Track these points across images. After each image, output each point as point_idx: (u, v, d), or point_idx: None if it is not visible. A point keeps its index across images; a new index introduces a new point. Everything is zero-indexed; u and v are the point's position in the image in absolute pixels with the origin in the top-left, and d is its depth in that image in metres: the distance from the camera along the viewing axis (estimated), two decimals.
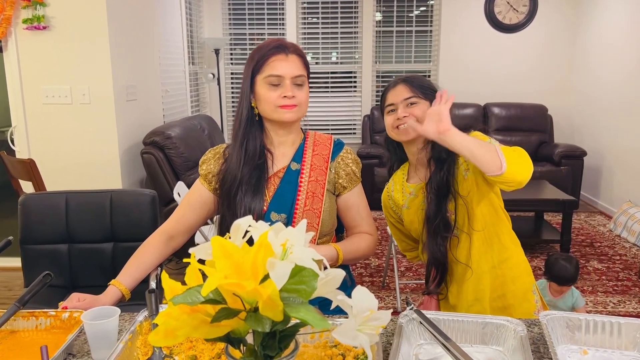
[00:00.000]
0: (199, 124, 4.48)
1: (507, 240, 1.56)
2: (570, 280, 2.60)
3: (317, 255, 0.76)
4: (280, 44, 1.43)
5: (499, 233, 1.54)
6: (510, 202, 3.90)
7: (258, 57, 1.43)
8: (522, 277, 1.56)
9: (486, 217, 1.51)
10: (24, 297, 1.13)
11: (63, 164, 3.52)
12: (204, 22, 5.86)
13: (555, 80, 5.89)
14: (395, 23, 5.92)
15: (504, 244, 1.54)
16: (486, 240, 1.52)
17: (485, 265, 1.52)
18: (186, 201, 1.54)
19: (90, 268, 1.96)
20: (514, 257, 1.56)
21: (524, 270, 1.58)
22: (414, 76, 1.57)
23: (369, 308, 0.75)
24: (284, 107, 1.42)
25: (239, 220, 0.81)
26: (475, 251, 1.52)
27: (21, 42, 3.41)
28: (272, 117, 1.45)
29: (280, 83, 1.41)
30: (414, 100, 1.50)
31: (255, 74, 1.44)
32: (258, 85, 1.43)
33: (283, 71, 1.41)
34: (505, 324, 1.18)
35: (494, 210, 1.52)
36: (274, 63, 1.41)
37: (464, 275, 1.53)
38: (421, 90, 1.51)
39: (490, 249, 1.53)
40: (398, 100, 1.51)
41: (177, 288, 0.77)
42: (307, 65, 1.48)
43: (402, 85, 1.53)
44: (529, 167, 1.37)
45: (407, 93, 1.51)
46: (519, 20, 5.76)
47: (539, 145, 5.52)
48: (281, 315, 0.70)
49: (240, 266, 0.72)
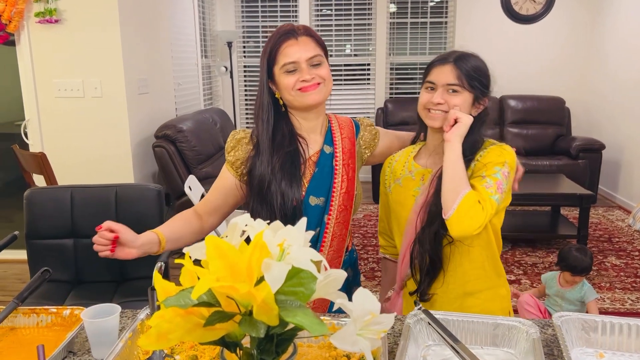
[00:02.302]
0: (211, 118, 4.47)
1: (491, 271, 1.43)
2: (585, 270, 2.59)
3: (316, 256, 0.72)
4: (289, 29, 1.39)
5: (483, 260, 1.41)
6: (526, 196, 3.91)
7: (270, 48, 1.39)
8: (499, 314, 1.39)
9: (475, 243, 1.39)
10: (23, 294, 1.12)
11: (75, 158, 3.53)
12: (217, 15, 5.84)
13: (573, 72, 5.77)
14: (409, 14, 5.84)
15: (486, 272, 1.42)
16: (469, 260, 1.40)
17: (460, 290, 1.41)
18: (214, 184, 1.50)
19: (95, 263, 1.95)
20: (493, 290, 1.43)
21: (499, 308, 1.43)
22: (469, 59, 1.37)
23: (370, 311, 0.71)
24: (305, 89, 1.37)
25: (236, 219, 0.78)
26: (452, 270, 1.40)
27: (33, 36, 3.41)
28: (296, 102, 1.41)
29: (297, 68, 1.37)
30: (456, 89, 1.35)
31: (271, 66, 1.40)
32: (277, 76, 1.40)
33: (296, 56, 1.36)
34: (517, 325, 1.13)
35: (485, 232, 1.38)
36: (286, 50, 1.37)
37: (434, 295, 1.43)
38: (469, 79, 1.35)
39: (470, 272, 1.40)
40: (440, 82, 1.36)
41: (171, 289, 0.74)
42: (322, 44, 1.43)
43: (451, 67, 1.36)
44: (471, 228, 1.23)
45: (452, 78, 1.35)
46: (537, 11, 5.64)
47: (556, 138, 5.41)
48: (276, 319, 0.66)
49: (235, 267, 0.69)
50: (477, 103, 1.40)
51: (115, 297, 1.97)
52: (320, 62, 1.39)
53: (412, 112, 1.53)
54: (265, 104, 1.42)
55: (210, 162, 3.97)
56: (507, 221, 4.86)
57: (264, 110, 1.42)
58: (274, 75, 1.40)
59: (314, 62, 1.38)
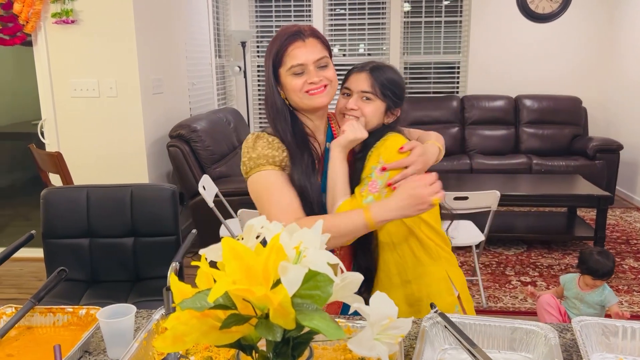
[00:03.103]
0: (225, 117, 4.48)
1: (423, 256, 1.43)
2: (607, 274, 2.54)
3: (333, 259, 0.71)
4: (295, 30, 1.37)
5: (412, 247, 1.43)
6: (542, 197, 3.87)
7: (276, 49, 1.37)
8: (442, 296, 1.43)
9: (390, 229, 1.41)
10: (40, 293, 1.12)
11: (90, 157, 3.56)
12: (231, 15, 5.85)
13: (590, 72, 5.69)
14: (424, 13, 5.80)
15: (419, 259, 1.43)
16: (397, 252, 1.43)
17: (397, 279, 1.44)
18: (280, 187, 1.37)
19: (110, 263, 1.97)
20: (432, 275, 1.44)
21: (444, 289, 1.44)
22: (385, 70, 1.44)
23: (387, 316, 0.70)
24: (313, 93, 1.37)
25: (251, 221, 0.77)
26: (383, 261, 1.44)
27: (50, 36, 3.45)
28: (302, 105, 1.40)
29: (304, 70, 1.36)
30: (369, 96, 1.41)
31: (277, 67, 1.39)
32: (283, 77, 1.39)
33: (304, 58, 1.35)
34: (535, 329, 1.11)
35: (401, 223, 1.41)
36: (293, 52, 1.36)
37: (376, 285, 1.47)
38: (382, 88, 1.41)
39: (403, 261, 1.43)
40: (355, 89, 1.43)
41: (187, 291, 0.73)
42: (328, 46, 1.43)
43: (366, 75, 1.42)
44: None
45: (366, 86, 1.41)
46: (553, 10, 5.58)
47: (573, 138, 5.35)
48: (293, 323, 0.65)
49: (251, 270, 0.68)
50: (389, 112, 1.46)
51: (130, 296, 1.98)
52: (326, 64, 1.39)
53: (426, 111, 1.55)
54: (279, 106, 1.41)
55: (224, 162, 3.98)
56: (522, 222, 4.81)
57: (280, 112, 1.41)
58: (280, 76, 1.39)
59: (321, 64, 1.38)
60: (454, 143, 5.40)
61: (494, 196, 2.95)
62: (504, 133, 5.46)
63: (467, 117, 5.50)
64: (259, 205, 1.39)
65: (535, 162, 4.99)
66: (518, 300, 3.21)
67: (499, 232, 3.94)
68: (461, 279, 1.51)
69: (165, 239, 1.99)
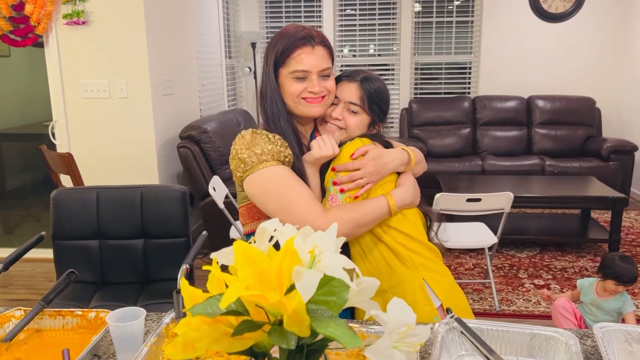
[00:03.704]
0: (235, 118, 4.47)
1: (397, 264, 1.37)
2: (632, 280, 2.48)
3: (349, 263, 0.69)
4: (307, 34, 1.34)
5: (384, 256, 1.38)
6: (555, 199, 3.83)
7: (282, 48, 1.33)
8: (418, 306, 1.35)
9: (357, 238, 1.38)
10: (49, 296, 1.11)
11: (101, 158, 3.56)
12: (241, 16, 5.85)
13: (604, 72, 5.61)
14: (435, 13, 5.76)
15: (392, 268, 1.37)
16: (369, 261, 1.38)
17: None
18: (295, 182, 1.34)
19: (120, 265, 1.96)
20: (407, 283, 1.37)
21: (420, 298, 1.37)
22: (374, 83, 1.42)
23: (406, 323, 0.68)
24: (310, 101, 1.35)
25: (264, 223, 0.75)
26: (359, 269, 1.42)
27: (61, 38, 3.45)
28: (295, 111, 1.38)
29: (306, 77, 1.34)
30: (356, 109, 1.40)
31: (278, 65, 1.35)
32: (282, 78, 1.36)
33: (310, 65, 1.33)
34: (555, 335, 1.08)
35: (368, 232, 1.37)
36: (300, 57, 1.32)
37: None
38: (370, 102, 1.40)
39: (377, 271, 1.38)
40: (343, 98, 1.40)
41: (198, 296, 0.71)
42: (333, 56, 1.40)
43: (357, 86, 1.40)
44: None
45: (355, 97, 1.39)
46: (566, 9, 5.51)
47: (586, 139, 5.28)
48: (308, 330, 0.63)
49: (264, 274, 0.66)
50: (372, 127, 1.45)
51: (140, 298, 1.97)
52: (329, 75, 1.38)
53: (437, 112, 1.54)
54: (280, 106, 1.38)
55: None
56: (535, 224, 4.74)
57: (281, 111, 1.38)
58: (279, 76, 1.36)
59: (324, 74, 1.36)
60: (465, 144, 5.34)
61: (507, 198, 2.90)
62: (516, 134, 5.40)
63: (479, 117, 5.44)
64: (271, 202, 1.32)
65: (548, 163, 4.93)
66: (531, 303, 3.16)
67: (511, 234, 3.89)
68: (446, 287, 1.41)
69: (176, 240, 1.98)
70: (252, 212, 1.42)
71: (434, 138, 5.30)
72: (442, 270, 1.44)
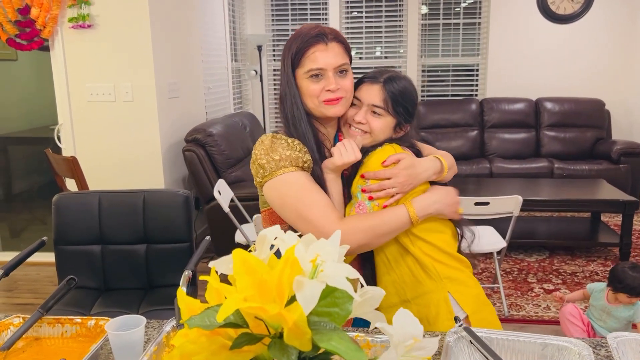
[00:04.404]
0: (241, 122, 4.45)
1: (422, 275, 1.34)
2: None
3: (352, 273, 0.66)
4: (319, 31, 1.32)
5: (410, 267, 1.34)
6: (564, 202, 3.78)
7: (296, 48, 1.32)
8: (440, 320, 1.31)
9: (384, 248, 1.34)
10: (48, 303, 1.09)
11: (106, 162, 3.55)
12: (247, 19, 5.84)
13: (613, 73, 5.55)
14: (441, 16, 5.72)
15: (417, 279, 1.34)
16: (395, 272, 1.35)
17: (395, 298, 1.35)
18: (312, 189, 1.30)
19: (123, 270, 1.93)
20: (430, 295, 1.33)
21: (443, 311, 1.32)
22: (399, 82, 1.36)
23: (412, 336, 0.64)
24: (328, 102, 1.32)
25: (264, 231, 0.72)
26: (380, 281, 1.37)
27: (67, 41, 3.45)
28: (316, 112, 1.36)
29: (322, 75, 1.31)
30: (380, 112, 1.34)
31: (295, 66, 1.34)
32: (299, 79, 1.34)
33: (324, 62, 1.30)
34: (568, 345, 1.04)
35: (394, 239, 1.33)
36: (313, 55, 1.30)
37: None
38: (394, 104, 1.34)
39: (401, 281, 1.34)
40: (366, 100, 1.35)
41: (195, 307, 0.68)
42: (349, 51, 1.37)
43: (379, 88, 1.34)
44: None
45: (378, 99, 1.34)
46: (575, 10, 5.46)
47: (595, 142, 5.21)
48: (309, 344, 0.60)
49: (264, 285, 0.63)
50: (398, 128, 1.39)
51: (143, 305, 1.94)
52: (346, 71, 1.34)
53: (444, 114, 1.49)
54: (300, 108, 1.35)
55: (239, 167, 3.95)
56: (544, 228, 4.68)
57: (302, 114, 1.35)
58: (296, 78, 1.35)
59: (341, 69, 1.33)
60: (473, 146, 5.30)
61: (515, 201, 2.86)
62: (525, 136, 5.34)
63: (487, 120, 5.40)
64: (288, 209, 1.31)
65: (557, 166, 4.87)
66: (541, 308, 3.11)
67: (520, 238, 3.84)
68: (473, 300, 1.37)
69: (179, 245, 1.95)
70: (274, 217, 1.40)
71: (441, 140, 5.25)
72: (470, 282, 1.39)
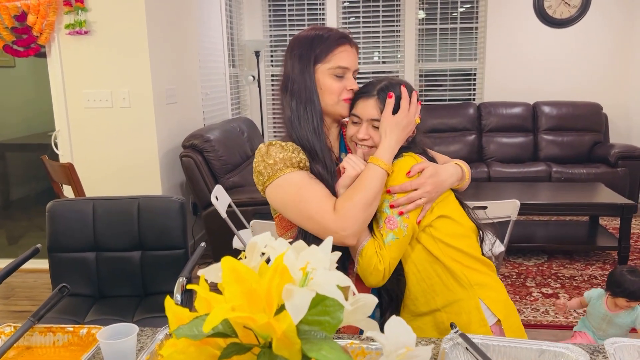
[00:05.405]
0: (239, 127, 4.44)
1: (453, 283, 1.33)
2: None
3: (344, 280, 0.65)
4: (345, 34, 1.38)
5: (440, 276, 1.32)
6: (562, 206, 3.77)
7: (322, 46, 1.34)
8: (472, 328, 1.30)
9: (414, 258, 1.33)
10: (39, 312, 1.07)
11: (103, 168, 3.54)
12: (244, 24, 5.84)
13: (611, 77, 5.56)
14: (439, 20, 5.73)
15: (448, 287, 1.32)
16: (425, 282, 1.33)
17: (425, 307, 1.34)
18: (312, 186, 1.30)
19: (117, 277, 1.92)
20: (462, 303, 1.32)
21: (475, 319, 1.31)
22: (392, 89, 1.34)
23: (405, 344, 0.63)
24: (347, 101, 1.37)
25: (255, 238, 0.71)
26: (409, 291, 1.35)
27: (64, 47, 3.45)
28: (333, 109, 1.37)
29: (345, 75, 1.36)
30: (377, 125, 1.33)
31: (316, 62, 1.34)
32: (319, 74, 1.35)
33: (349, 62, 1.36)
34: (565, 352, 1.03)
35: (422, 249, 1.33)
36: (342, 54, 1.35)
37: (403, 310, 1.38)
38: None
39: (431, 290, 1.33)
40: (364, 116, 1.34)
41: (184, 316, 0.67)
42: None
43: (374, 101, 1.33)
44: (374, 282, 1.27)
45: (375, 113, 1.33)
46: (571, 15, 5.47)
47: (593, 145, 5.21)
48: (299, 354, 0.59)
49: (253, 294, 0.62)
50: None
51: (137, 312, 1.93)
52: (356, 77, 1.42)
53: (442, 119, 1.48)
54: (318, 108, 1.34)
55: (237, 172, 3.94)
56: (542, 232, 4.67)
57: (317, 115, 1.34)
58: (315, 72, 1.35)
59: (356, 74, 1.41)
60: (470, 151, 5.29)
61: (513, 205, 2.85)
62: (522, 140, 5.34)
63: (484, 124, 5.40)
64: (290, 210, 1.30)
65: (555, 169, 4.87)
66: (540, 312, 3.10)
67: (518, 242, 3.83)
68: (503, 305, 1.36)
69: (174, 252, 1.93)
70: (284, 222, 1.40)
71: (439, 145, 5.25)
72: (498, 286, 1.39)
